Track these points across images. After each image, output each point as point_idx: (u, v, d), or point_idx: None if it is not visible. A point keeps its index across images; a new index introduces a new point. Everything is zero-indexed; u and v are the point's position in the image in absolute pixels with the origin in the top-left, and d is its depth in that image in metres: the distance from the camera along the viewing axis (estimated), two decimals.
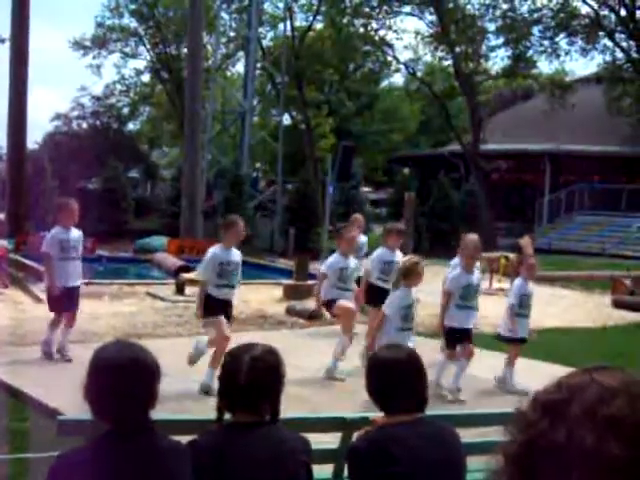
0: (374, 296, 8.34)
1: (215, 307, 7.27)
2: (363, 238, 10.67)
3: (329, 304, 8.23)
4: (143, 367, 2.35)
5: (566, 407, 0.97)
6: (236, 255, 7.42)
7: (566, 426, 0.96)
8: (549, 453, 0.96)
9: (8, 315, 10.28)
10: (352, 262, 8.31)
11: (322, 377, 7.78)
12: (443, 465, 2.79)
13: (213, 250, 7.35)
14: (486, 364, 8.35)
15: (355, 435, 3.08)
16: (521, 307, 7.79)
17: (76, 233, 8.30)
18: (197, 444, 2.62)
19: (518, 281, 7.96)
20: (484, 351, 8.82)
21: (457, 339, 7.42)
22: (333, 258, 8.33)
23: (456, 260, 8.52)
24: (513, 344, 7.84)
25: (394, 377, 2.87)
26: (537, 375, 7.39)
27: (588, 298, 15.28)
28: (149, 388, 2.34)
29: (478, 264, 8.53)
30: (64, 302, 8.15)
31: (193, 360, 7.29)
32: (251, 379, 2.59)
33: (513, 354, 7.83)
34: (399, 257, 8.85)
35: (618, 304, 14.07)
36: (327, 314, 8.87)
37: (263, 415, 2.66)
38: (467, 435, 4.19)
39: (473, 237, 8.17)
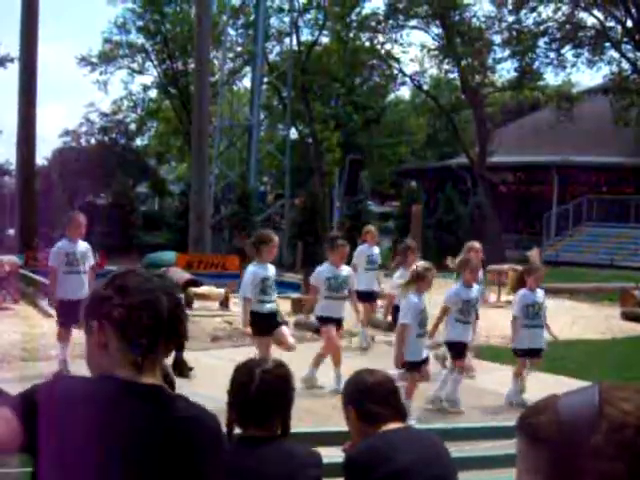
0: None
1: (262, 324, 7.28)
2: (376, 249, 10.67)
3: (320, 320, 8.16)
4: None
5: None
6: (272, 270, 7.48)
7: None
8: None
9: (18, 330, 10.31)
10: (343, 271, 8.16)
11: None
12: (437, 464, 2.84)
13: (252, 268, 7.33)
14: (493, 377, 8.34)
15: (342, 447, 3.09)
16: (527, 318, 7.69)
17: (83, 246, 8.25)
18: None
19: (521, 291, 7.88)
20: (492, 364, 8.80)
21: (456, 353, 7.39)
22: (322, 267, 8.16)
23: None
24: (521, 356, 7.76)
25: (375, 397, 2.92)
26: (547, 388, 7.36)
27: (597, 310, 15.21)
28: None
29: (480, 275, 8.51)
30: (71, 316, 8.13)
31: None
32: (262, 392, 2.61)
33: (519, 366, 7.71)
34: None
35: (627, 316, 14.01)
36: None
37: (274, 429, 2.66)
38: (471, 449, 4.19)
39: (476, 245, 8.18)
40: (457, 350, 7.43)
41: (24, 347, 9.15)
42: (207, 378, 7.57)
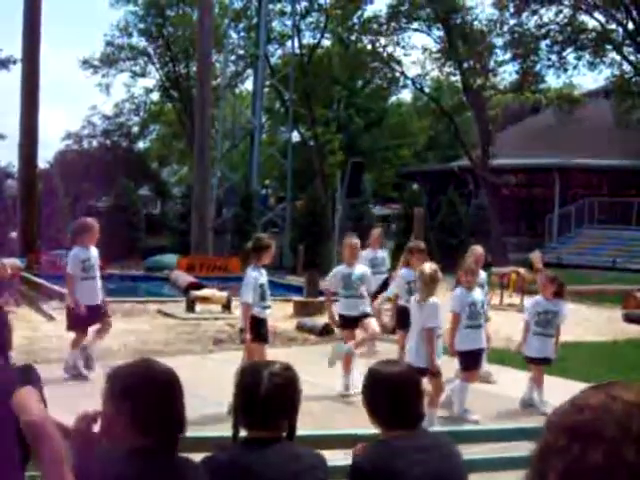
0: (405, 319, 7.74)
1: (260, 330, 7.20)
2: (382, 252, 10.62)
3: (339, 318, 8.17)
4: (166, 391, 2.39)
5: (596, 428, 0.94)
6: (265, 275, 7.45)
7: (602, 447, 0.93)
8: (589, 477, 0.93)
9: (20, 333, 10.31)
10: (357, 269, 8.18)
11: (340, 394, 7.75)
12: (446, 476, 2.80)
13: (252, 272, 7.22)
14: (497, 379, 8.32)
15: (353, 450, 3.06)
16: (539, 326, 7.53)
17: (94, 252, 8.47)
18: (213, 461, 2.62)
19: (535, 298, 7.81)
20: (495, 366, 8.78)
21: (475, 361, 7.26)
22: (336, 268, 8.28)
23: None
24: (533, 363, 7.66)
25: (393, 392, 2.86)
26: (550, 390, 7.35)
27: (599, 312, 15.20)
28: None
29: (483, 276, 8.42)
30: (87, 320, 8.26)
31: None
32: (270, 394, 2.60)
33: (536, 374, 7.59)
34: None
35: (630, 318, 13.99)
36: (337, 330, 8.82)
37: (279, 431, 2.66)
38: (477, 452, 4.19)
39: (477, 249, 8.12)
40: (470, 360, 7.20)
41: (25, 350, 9.16)
42: (209, 381, 7.57)
